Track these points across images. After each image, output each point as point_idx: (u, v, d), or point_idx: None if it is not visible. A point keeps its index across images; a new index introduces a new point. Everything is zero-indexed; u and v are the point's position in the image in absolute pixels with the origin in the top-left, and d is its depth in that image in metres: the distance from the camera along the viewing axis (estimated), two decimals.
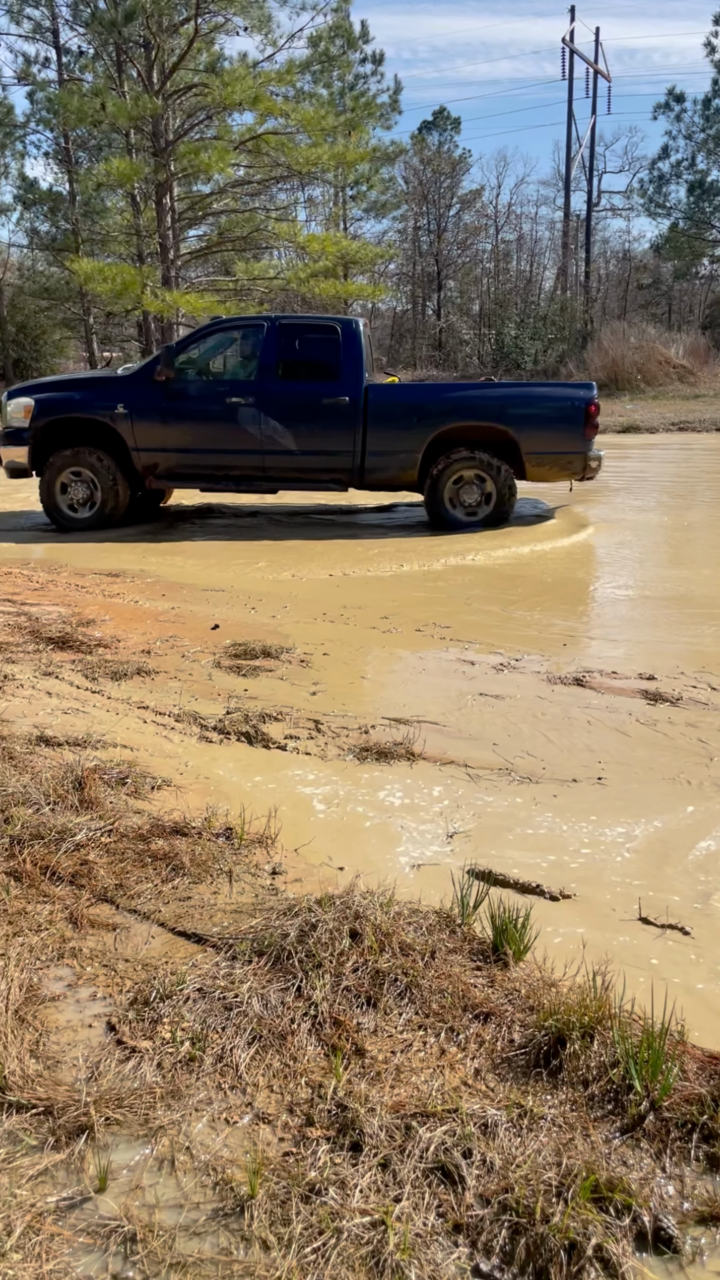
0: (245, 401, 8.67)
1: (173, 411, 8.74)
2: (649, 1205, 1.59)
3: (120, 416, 8.69)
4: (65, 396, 8.90)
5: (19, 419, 8.76)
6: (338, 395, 8.61)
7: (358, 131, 19.34)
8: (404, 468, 8.76)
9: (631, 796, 3.28)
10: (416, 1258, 1.49)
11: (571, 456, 8.69)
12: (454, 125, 42.97)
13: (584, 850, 2.90)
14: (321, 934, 2.24)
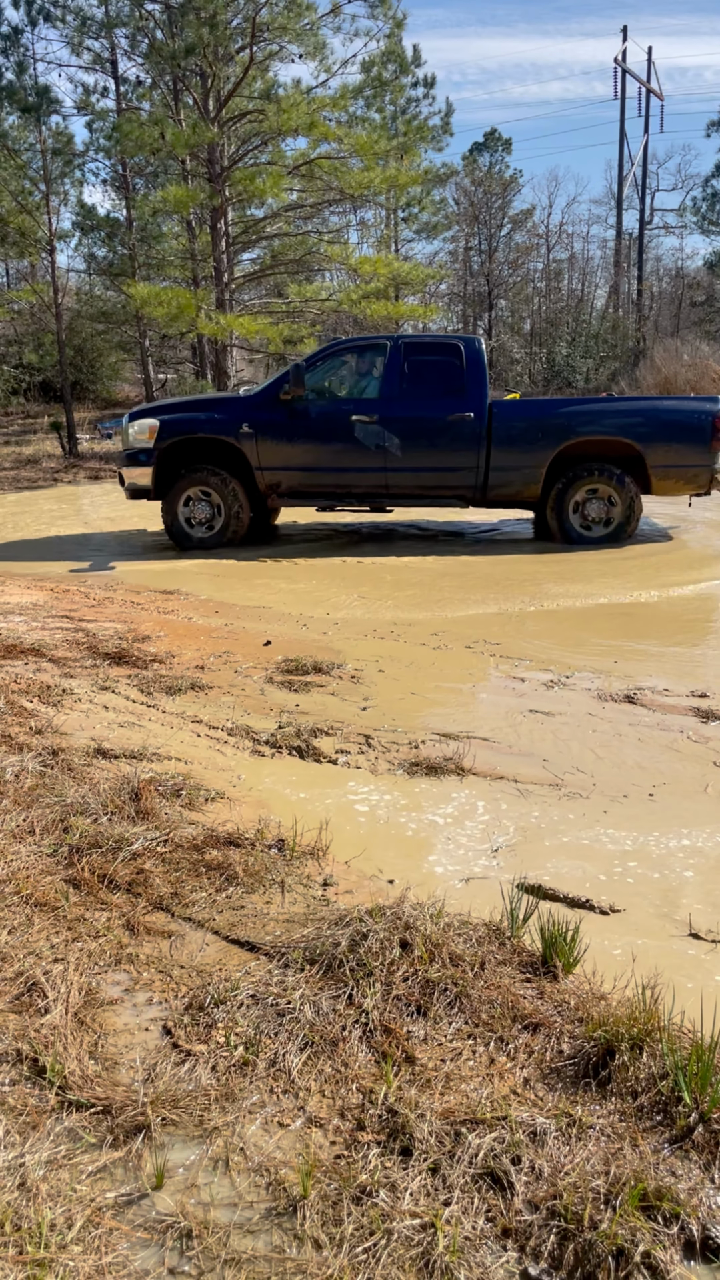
0: (369, 420, 8.76)
1: (297, 430, 8.82)
2: (698, 1215, 1.60)
3: (245, 436, 8.77)
4: (190, 417, 8.98)
5: (143, 440, 8.84)
6: (463, 412, 8.69)
7: (410, 154, 19.48)
8: (528, 483, 8.80)
9: (682, 813, 3.27)
10: (466, 1260, 1.52)
11: (698, 470, 8.69)
12: (505, 146, 43.13)
13: (634, 865, 2.90)
14: (372, 944, 2.28)
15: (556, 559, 8.25)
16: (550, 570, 7.75)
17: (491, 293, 40.68)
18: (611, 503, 8.73)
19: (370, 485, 8.94)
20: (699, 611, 6.49)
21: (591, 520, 8.78)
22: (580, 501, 8.76)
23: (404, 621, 6.06)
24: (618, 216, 40.74)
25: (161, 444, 8.79)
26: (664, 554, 8.43)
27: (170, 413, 9.05)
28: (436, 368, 8.84)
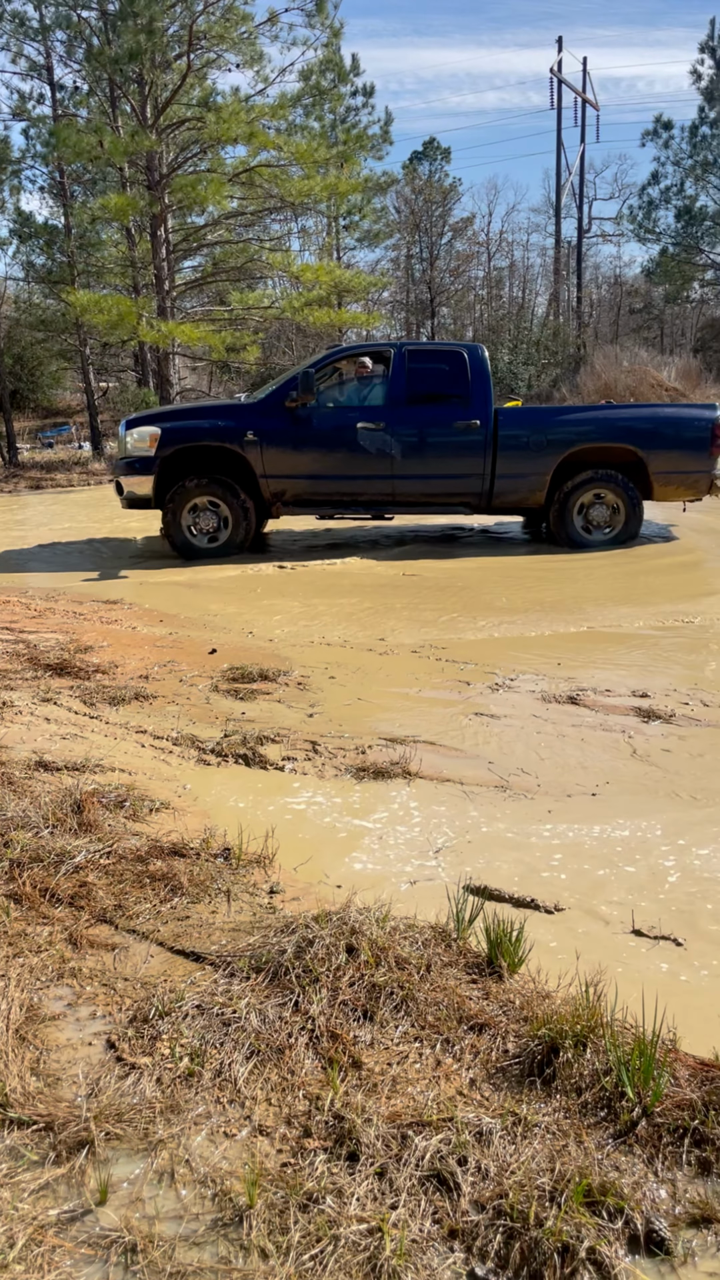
0: (376, 427, 8.75)
1: (302, 438, 8.75)
2: (641, 1209, 1.61)
3: (250, 443, 8.67)
4: (193, 425, 8.84)
5: (143, 448, 8.67)
6: (469, 419, 8.73)
7: (350, 163, 19.57)
8: (533, 490, 8.90)
9: (624, 811, 3.30)
10: (413, 1263, 1.52)
11: (698, 476, 8.86)
12: (444, 155, 43.51)
13: (578, 864, 2.93)
14: (318, 950, 2.27)
15: (531, 563, 8.32)
16: (504, 575, 7.81)
17: (434, 300, 40.95)
18: (615, 508, 8.85)
19: (377, 493, 8.93)
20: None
21: (595, 525, 8.90)
22: (584, 506, 8.87)
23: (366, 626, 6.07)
24: (556, 225, 41.26)
25: (164, 452, 8.63)
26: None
27: (171, 420, 8.90)
28: (441, 375, 8.88)
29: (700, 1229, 1.60)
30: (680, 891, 2.75)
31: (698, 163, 38.17)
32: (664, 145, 38.65)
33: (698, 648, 5.49)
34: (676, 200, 39.13)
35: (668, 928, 2.55)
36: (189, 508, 8.75)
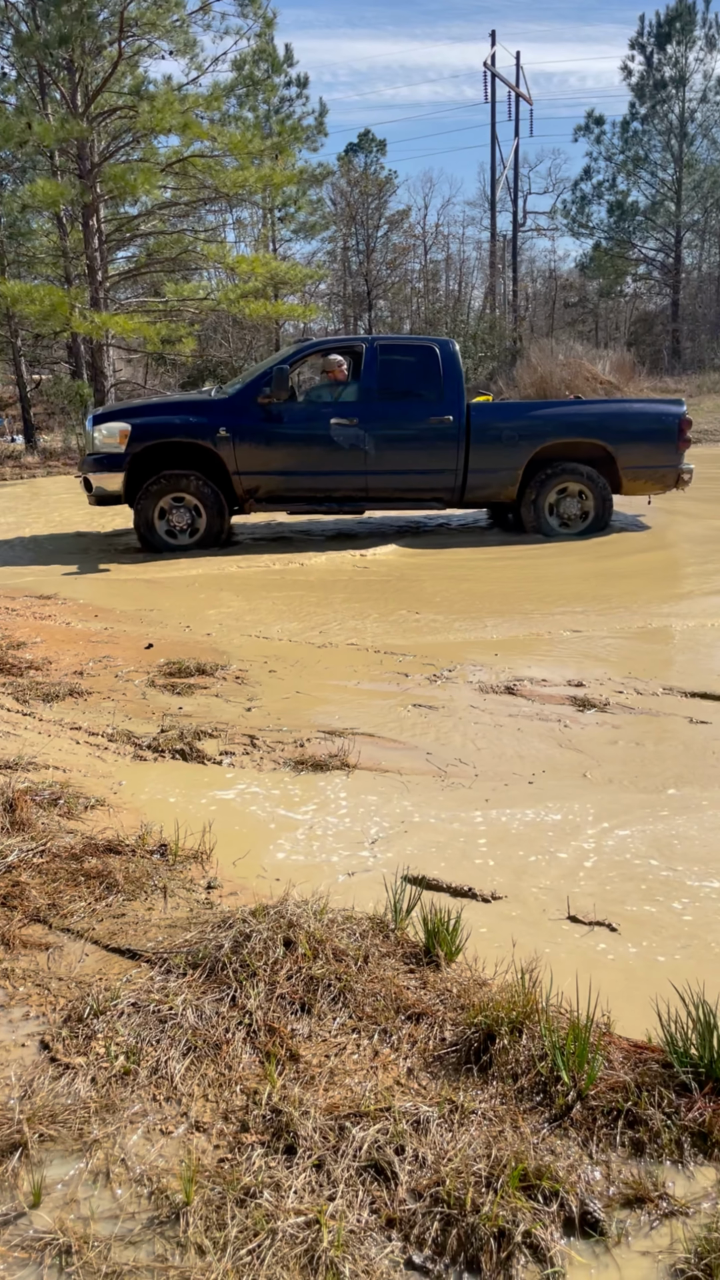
0: (349, 423, 8.70)
1: (276, 434, 8.67)
2: (576, 1191, 1.63)
3: (222, 440, 8.56)
4: (164, 421, 8.68)
5: (113, 444, 8.51)
6: (442, 415, 8.74)
7: (284, 154, 19.47)
8: (505, 485, 8.95)
9: (561, 798, 3.34)
10: (350, 1254, 1.52)
11: (665, 470, 9.01)
12: (379, 147, 43.49)
13: (515, 851, 2.96)
14: (256, 944, 2.26)
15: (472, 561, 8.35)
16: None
17: (370, 293, 40.95)
18: (585, 502, 8.97)
19: (351, 489, 8.90)
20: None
21: (567, 518, 9.00)
22: (555, 501, 8.98)
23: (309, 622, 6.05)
24: (491, 218, 41.51)
25: (135, 448, 8.49)
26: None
27: (141, 416, 8.75)
28: (413, 370, 8.89)
29: (633, 1209, 1.63)
30: (614, 877, 2.79)
31: (629, 158, 38.67)
32: (596, 140, 39.11)
33: (637, 637, 5.57)
34: (609, 195, 39.61)
35: (602, 913, 2.59)
36: (161, 504, 8.64)
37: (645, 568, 7.79)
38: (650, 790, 3.40)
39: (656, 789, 3.41)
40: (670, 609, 6.24)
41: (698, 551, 8.40)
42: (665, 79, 37.50)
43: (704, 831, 3.07)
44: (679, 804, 3.28)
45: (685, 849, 2.96)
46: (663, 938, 2.48)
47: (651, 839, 3.02)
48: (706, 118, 38.44)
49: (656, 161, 38.99)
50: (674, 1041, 1.92)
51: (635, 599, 6.55)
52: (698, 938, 2.47)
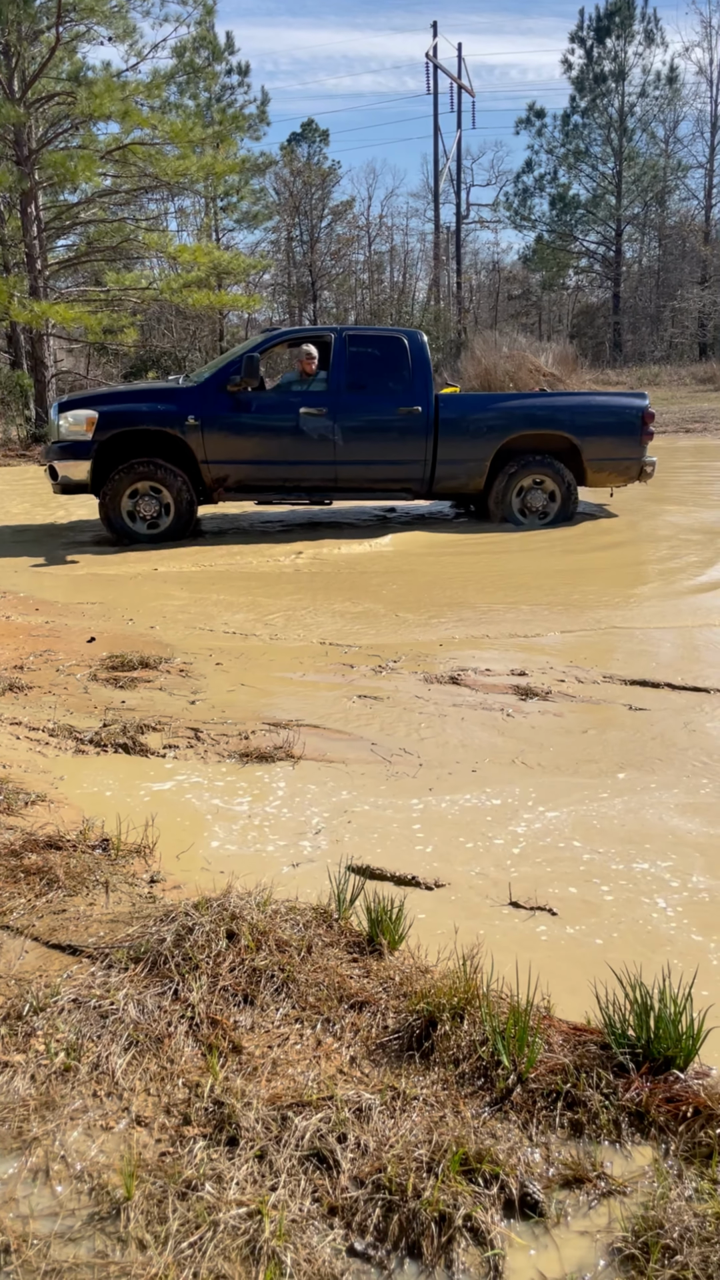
0: (319, 412, 8.66)
1: (245, 423, 8.61)
2: (516, 1173, 1.65)
3: (191, 428, 8.47)
4: (132, 409, 8.57)
5: (79, 432, 8.35)
6: (411, 406, 8.76)
7: (226, 143, 19.30)
8: (473, 476, 9.02)
9: (503, 786, 3.37)
10: (292, 1243, 1.52)
11: (629, 462, 9.15)
12: (322, 137, 43.38)
13: (458, 839, 2.98)
14: (198, 936, 2.25)
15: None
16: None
17: (315, 284, 40.84)
18: (551, 493, 9.07)
19: (320, 479, 8.86)
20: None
21: (533, 510, 9.08)
22: (523, 491, 9.06)
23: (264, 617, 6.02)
24: (435, 210, 41.63)
25: (102, 436, 8.35)
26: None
27: (108, 403, 8.63)
28: (382, 361, 8.89)
29: (572, 1189, 1.65)
30: (554, 861, 2.82)
31: (570, 151, 38.96)
32: (537, 133, 39.36)
33: (575, 620, 5.63)
34: (551, 188, 39.91)
35: (543, 897, 2.62)
36: (128, 493, 8.53)
37: (604, 563, 7.87)
38: (590, 775, 3.45)
39: (596, 774, 3.46)
40: (619, 609, 6.32)
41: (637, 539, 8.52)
42: (605, 73, 37.87)
43: (642, 814, 3.12)
44: (618, 788, 3.33)
45: (624, 832, 3.00)
46: (601, 920, 2.51)
47: (591, 823, 3.06)
48: (645, 112, 38.89)
49: (597, 155, 39.37)
50: (612, 1023, 1.95)
51: (588, 593, 6.63)
52: (634, 919, 2.51)
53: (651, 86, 38.31)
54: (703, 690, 4.39)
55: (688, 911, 2.56)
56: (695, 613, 5.96)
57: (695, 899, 2.62)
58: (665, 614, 5.94)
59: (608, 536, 8.77)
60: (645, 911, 2.56)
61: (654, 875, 2.75)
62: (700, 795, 3.29)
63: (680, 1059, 1.88)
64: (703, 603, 6.22)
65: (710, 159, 40.13)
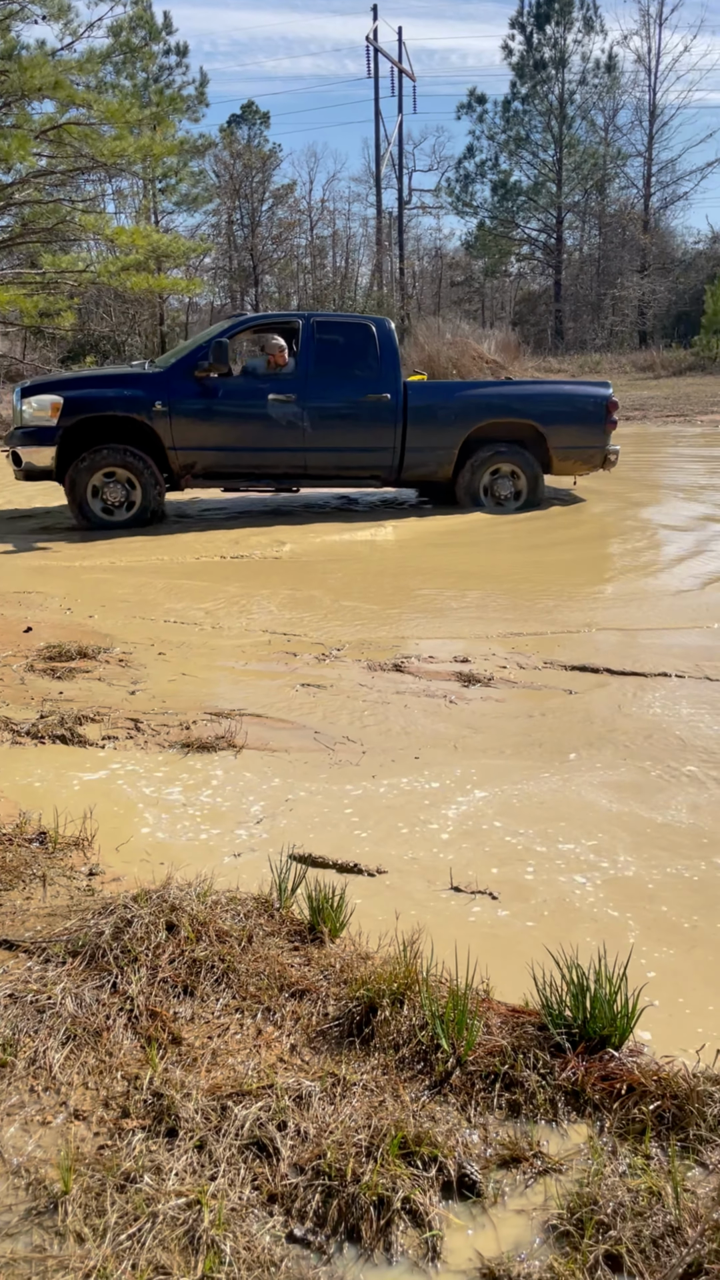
0: (288, 399, 8.58)
1: (213, 409, 8.50)
2: (454, 1155, 1.67)
3: (159, 414, 8.34)
4: (98, 394, 8.41)
5: (44, 417, 8.16)
6: (380, 393, 8.71)
7: (163, 123, 19.04)
8: (441, 463, 9.00)
9: (446, 772, 3.39)
10: (231, 1231, 1.52)
11: (593, 450, 9.21)
12: (263, 120, 42.99)
13: (400, 826, 2.99)
14: (137, 929, 2.24)
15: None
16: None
17: (257, 268, 40.55)
18: (518, 481, 9.11)
19: (289, 466, 8.81)
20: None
21: (501, 498, 9.13)
22: (490, 479, 9.10)
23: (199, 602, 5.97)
24: (377, 195, 41.50)
25: (67, 422, 8.19)
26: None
27: (73, 388, 8.45)
28: (350, 348, 8.83)
29: (510, 1169, 1.68)
30: (495, 845, 2.85)
31: (511, 138, 39.06)
32: (479, 119, 39.39)
33: (523, 609, 5.68)
34: (492, 174, 39.99)
35: (484, 882, 2.64)
36: (94, 480, 8.40)
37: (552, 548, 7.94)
38: (529, 759, 3.48)
39: (535, 758, 3.50)
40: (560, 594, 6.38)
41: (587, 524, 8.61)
42: (545, 59, 38.01)
43: (580, 795, 3.16)
44: (557, 770, 3.37)
45: (562, 813, 3.04)
46: (539, 902, 2.54)
47: (531, 806, 3.10)
48: (585, 100, 39.11)
49: (538, 142, 39.54)
50: (549, 1005, 1.98)
51: (530, 580, 6.68)
52: (570, 901, 2.55)
53: (591, 74, 38.55)
54: (640, 675, 4.46)
55: (615, 891, 2.60)
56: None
57: (622, 877, 2.67)
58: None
59: (577, 529, 8.84)
60: (580, 892, 2.59)
61: (582, 857, 2.79)
62: (628, 775, 3.34)
63: (615, 1038, 1.92)
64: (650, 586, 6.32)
65: (649, 148, 40.50)
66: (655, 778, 3.34)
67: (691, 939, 2.39)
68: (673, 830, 2.96)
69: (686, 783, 3.30)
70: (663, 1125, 1.75)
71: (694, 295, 36.65)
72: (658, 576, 6.64)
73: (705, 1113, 1.75)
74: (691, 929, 2.44)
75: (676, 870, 2.72)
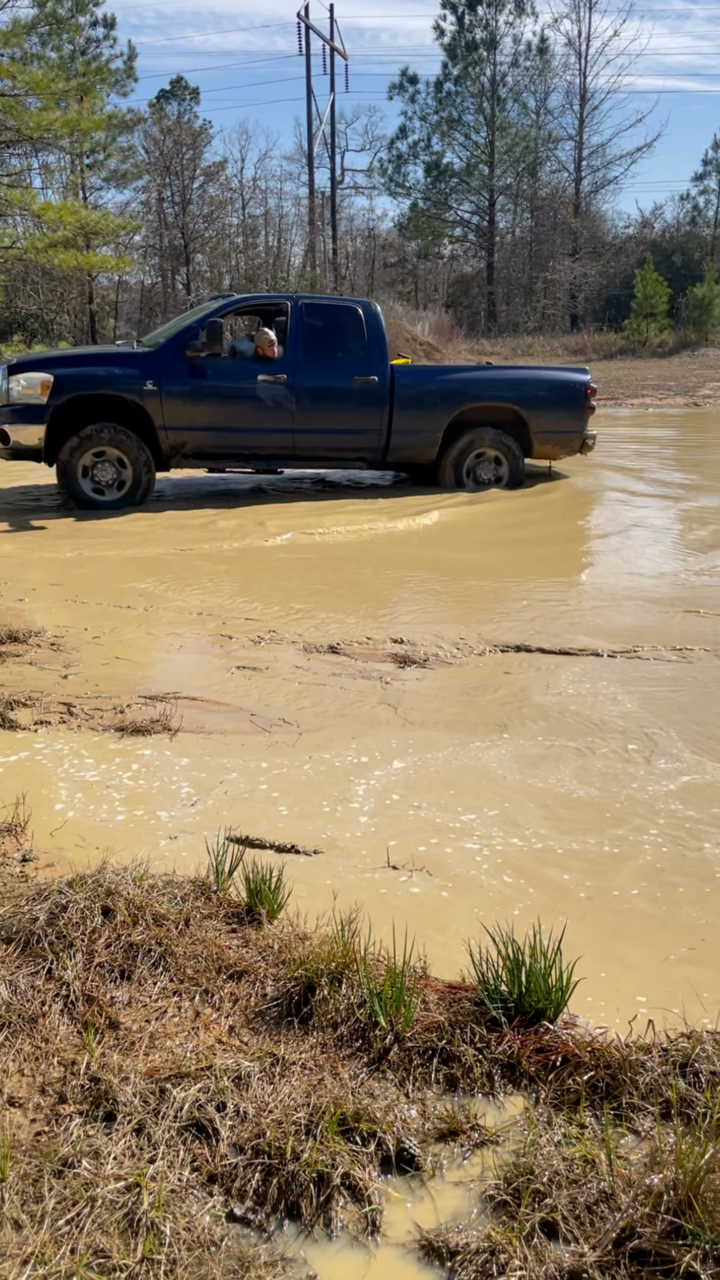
0: (276, 380, 8.61)
1: (204, 389, 8.52)
2: (393, 1130, 1.69)
3: (149, 393, 8.30)
4: (88, 373, 8.33)
5: (32, 396, 8.05)
6: (367, 376, 8.80)
7: (90, 96, 18.66)
8: (426, 446, 9.14)
9: (381, 753, 3.41)
10: (171, 1212, 1.52)
11: (572, 435, 9.41)
12: (193, 95, 42.35)
13: (337, 807, 3.00)
14: (73, 914, 2.21)
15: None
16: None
17: (188, 246, 40.00)
18: (499, 463, 9.30)
19: (277, 447, 8.85)
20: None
21: (482, 481, 9.28)
22: (473, 462, 9.28)
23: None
24: (309, 174, 41.17)
25: (56, 401, 8.08)
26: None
27: (63, 367, 8.33)
28: (339, 331, 8.93)
29: (448, 1142, 1.70)
30: (432, 824, 2.88)
31: (443, 119, 39.02)
32: (411, 99, 39.29)
33: (459, 590, 5.71)
34: (424, 155, 39.94)
35: (421, 859, 2.67)
36: (84, 460, 8.33)
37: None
38: (461, 735, 3.51)
39: (470, 737, 3.52)
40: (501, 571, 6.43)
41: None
42: (476, 40, 38.00)
43: (512, 773, 3.20)
44: (491, 749, 3.40)
45: (495, 790, 3.07)
46: (476, 877, 2.57)
47: (465, 783, 3.12)
48: (516, 82, 39.21)
49: (470, 124, 39.56)
50: (486, 980, 2.00)
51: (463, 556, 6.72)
52: (510, 875, 2.58)
53: (523, 56, 38.67)
54: (569, 654, 4.52)
55: (540, 863, 2.64)
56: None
57: (546, 848, 2.71)
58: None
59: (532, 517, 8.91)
60: (518, 864, 2.63)
61: (517, 829, 2.82)
62: (549, 749, 3.39)
63: (550, 1011, 1.95)
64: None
65: (580, 132, 40.80)
66: (575, 750, 3.40)
67: (618, 910, 2.44)
68: (588, 805, 3.01)
69: (607, 755, 3.36)
70: (596, 1094, 1.78)
71: (624, 279, 37.09)
72: (610, 558, 6.73)
73: (638, 1081, 1.79)
74: (618, 899, 2.48)
75: (596, 842, 2.77)
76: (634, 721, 3.71)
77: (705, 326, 31.50)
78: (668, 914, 2.44)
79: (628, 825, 2.89)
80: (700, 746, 3.48)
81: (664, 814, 2.96)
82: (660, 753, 3.42)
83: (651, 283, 32.11)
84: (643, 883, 2.58)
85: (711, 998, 2.10)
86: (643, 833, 2.85)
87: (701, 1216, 1.44)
